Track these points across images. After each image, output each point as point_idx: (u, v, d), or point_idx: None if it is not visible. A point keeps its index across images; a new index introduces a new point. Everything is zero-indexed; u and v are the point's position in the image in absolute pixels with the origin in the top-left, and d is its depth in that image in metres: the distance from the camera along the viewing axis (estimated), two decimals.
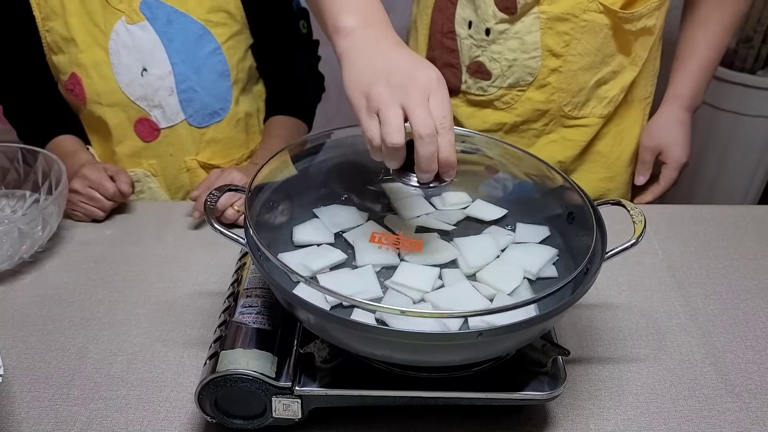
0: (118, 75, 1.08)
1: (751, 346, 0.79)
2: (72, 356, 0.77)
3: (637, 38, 1.07)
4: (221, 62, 1.11)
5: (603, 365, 0.76)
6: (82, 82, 1.09)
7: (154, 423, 0.69)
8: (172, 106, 1.11)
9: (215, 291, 0.87)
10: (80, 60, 1.07)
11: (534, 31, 1.04)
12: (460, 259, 0.69)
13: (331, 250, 0.70)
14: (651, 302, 0.86)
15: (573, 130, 1.13)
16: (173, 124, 1.13)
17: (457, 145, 0.61)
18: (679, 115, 1.15)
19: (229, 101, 1.15)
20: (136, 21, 1.05)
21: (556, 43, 1.05)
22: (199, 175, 1.18)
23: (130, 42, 1.06)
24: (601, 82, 1.09)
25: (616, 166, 1.18)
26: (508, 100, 1.11)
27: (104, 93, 1.09)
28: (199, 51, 1.09)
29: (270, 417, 0.64)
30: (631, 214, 0.68)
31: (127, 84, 1.08)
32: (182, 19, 1.07)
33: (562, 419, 0.69)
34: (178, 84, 1.09)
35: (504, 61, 1.07)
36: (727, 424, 0.69)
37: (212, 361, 0.63)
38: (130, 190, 1.03)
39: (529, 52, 1.05)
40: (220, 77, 1.12)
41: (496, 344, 0.58)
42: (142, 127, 1.12)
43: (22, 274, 0.91)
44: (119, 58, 1.07)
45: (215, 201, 0.68)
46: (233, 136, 1.18)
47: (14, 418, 0.69)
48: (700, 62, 1.13)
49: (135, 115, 1.11)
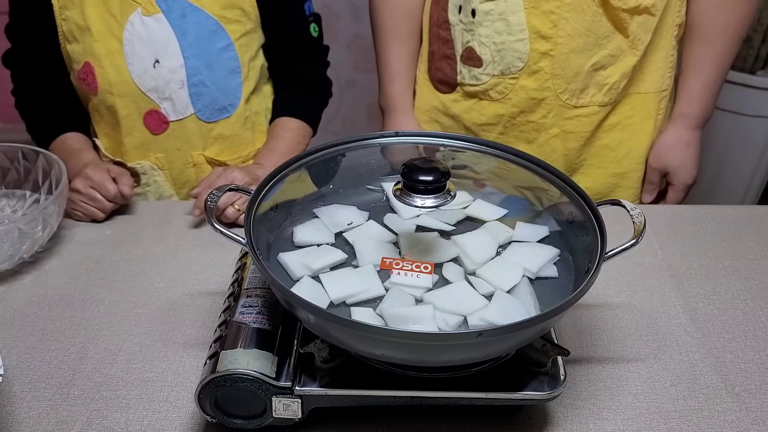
0: (130, 66, 1.09)
1: (751, 346, 0.79)
2: (72, 356, 0.77)
3: (632, 17, 1.04)
4: (233, 59, 1.12)
5: (603, 365, 0.76)
6: (95, 71, 1.09)
7: (154, 423, 0.69)
8: (182, 99, 1.11)
9: (215, 291, 0.87)
10: (94, 49, 1.08)
11: (518, 11, 1.04)
12: (463, 256, 0.69)
13: (331, 250, 0.70)
14: (651, 302, 0.86)
15: (574, 122, 1.12)
16: (182, 118, 1.13)
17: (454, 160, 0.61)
18: (686, 136, 1.14)
19: (238, 98, 1.15)
20: (152, 13, 1.06)
21: (542, 24, 1.03)
22: (205, 170, 1.19)
23: (144, 33, 1.07)
24: (598, 67, 1.07)
25: (626, 162, 1.16)
26: (502, 90, 1.10)
27: (116, 83, 1.10)
28: (211, 46, 1.10)
29: (270, 417, 0.64)
30: (631, 214, 0.68)
31: (139, 75, 1.09)
32: (197, 13, 1.08)
33: (562, 419, 0.69)
34: (189, 77, 1.10)
35: (492, 45, 1.07)
36: (727, 424, 0.69)
37: (212, 361, 0.63)
38: (132, 193, 1.04)
39: (515, 34, 1.05)
40: (231, 73, 1.13)
41: (496, 344, 0.58)
42: (151, 120, 1.13)
43: (22, 274, 0.91)
44: (133, 49, 1.08)
45: (215, 201, 0.69)
46: (240, 133, 1.19)
47: (14, 418, 0.69)
48: (704, 79, 1.10)
49: (145, 107, 1.12)
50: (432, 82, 1.19)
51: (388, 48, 1.19)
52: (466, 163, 0.80)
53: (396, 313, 0.62)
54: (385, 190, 0.78)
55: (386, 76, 1.21)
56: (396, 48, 1.19)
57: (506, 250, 0.71)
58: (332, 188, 0.78)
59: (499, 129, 1.14)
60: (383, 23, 1.18)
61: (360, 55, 2.22)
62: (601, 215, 0.66)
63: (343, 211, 0.75)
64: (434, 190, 0.64)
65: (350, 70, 2.26)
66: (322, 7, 2.15)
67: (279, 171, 0.73)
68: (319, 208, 0.75)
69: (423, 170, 0.64)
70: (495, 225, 0.74)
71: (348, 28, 2.19)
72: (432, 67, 1.18)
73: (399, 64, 1.20)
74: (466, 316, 0.63)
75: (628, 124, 1.14)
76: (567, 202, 0.72)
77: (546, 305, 0.64)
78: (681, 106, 1.13)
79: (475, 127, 1.16)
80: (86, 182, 1.01)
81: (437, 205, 0.64)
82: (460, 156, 0.79)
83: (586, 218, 0.68)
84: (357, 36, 2.18)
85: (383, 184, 0.78)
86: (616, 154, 1.16)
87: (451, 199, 0.65)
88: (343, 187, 0.78)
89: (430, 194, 0.64)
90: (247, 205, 0.67)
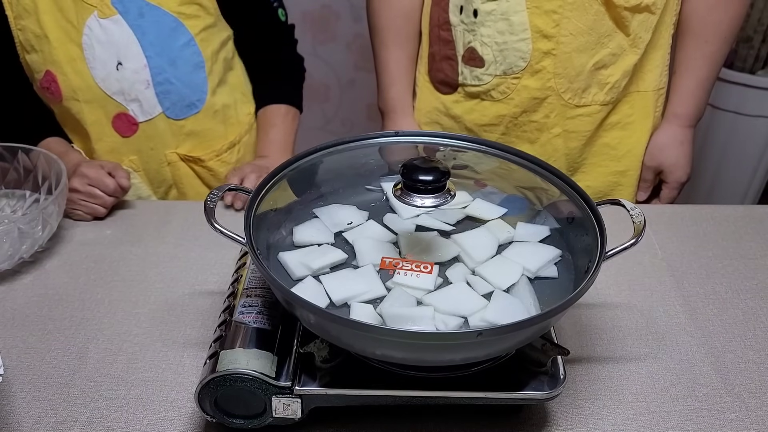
0: (93, 70, 1.08)
1: (751, 346, 0.79)
2: (72, 356, 0.77)
3: (633, 15, 1.04)
4: (196, 54, 1.12)
5: (603, 365, 0.76)
6: (57, 79, 1.08)
7: (154, 423, 0.69)
8: (149, 99, 1.11)
9: (215, 291, 0.87)
10: (54, 57, 1.07)
11: (520, 11, 1.03)
12: (463, 255, 0.69)
13: (331, 250, 0.70)
14: (651, 302, 0.86)
15: (576, 121, 1.12)
16: (151, 118, 1.13)
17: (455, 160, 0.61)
18: (679, 135, 1.14)
19: (205, 92, 1.15)
20: (109, 15, 1.05)
21: (545, 24, 1.03)
22: (180, 168, 1.19)
23: (103, 36, 1.06)
24: (600, 66, 1.07)
25: (627, 160, 1.17)
26: (504, 90, 1.10)
27: (80, 89, 1.09)
28: (173, 43, 1.09)
29: (270, 416, 0.64)
30: (630, 213, 0.68)
31: (103, 79, 1.08)
32: (154, 11, 1.07)
33: (562, 419, 0.69)
34: (154, 76, 1.09)
35: (494, 45, 1.07)
36: (727, 423, 0.69)
37: (212, 361, 0.63)
38: (130, 184, 1.04)
39: (517, 34, 1.05)
40: (196, 68, 1.13)
41: (496, 344, 0.58)
42: (120, 123, 1.12)
43: (22, 274, 0.91)
44: (93, 53, 1.07)
45: (215, 201, 0.69)
46: (211, 127, 1.19)
47: (14, 417, 0.69)
48: (698, 78, 1.11)
49: (113, 111, 1.11)
50: (433, 84, 1.19)
51: (388, 51, 1.19)
52: (466, 163, 0.80)
53: (396, 312, 0.62)
54: (384, 190, 0.78)
55: (385, 79, 1.21)
56: (395, 51, 1.19)
57: (506, 250, 0.71)
58: (332, 188, 0.78)
59: (501, 129, 1.14)
60: (382, 26, 1.18)
61: (360, 55, 2.22)
62: (600, 215, 0.66)
63: (342, 210, 0.75)
64: (434, 190, 0.64)
65: (350, 70, 2.26)
66: (322, 6, 2.15)
67: (279, 171, 0.73)
68: (318, 208, 0.75)
69: (423, 170, 0.64)
70: (495, 224, 0.74)
71: (348, 28, 2.19)
72: (432, 69, 1.18)
73: (398, 66, 1.20)
74: (466, 317, 0.63)
75: (628, 123, 1.14)
76: (567, 201, 0.72)
77: (546, 305, 0.64)
78: (674, 106, 1.14)
79: (476, 128, 1.16)
80: (83, 180, 1.01)
81: (437, 204, 0.64)
82: (460, 156, 0.79)
83: (586, 218, 0.68)
84: (357, 36, 2.18)
85: (383, 184, 0.78)
86: (616, 152, 1.16)
87: (451, 199, 0.65)
88: (342, 187, 0.78)
89: (430, 194, 0.64)
90: (247, 205, 0.67)
